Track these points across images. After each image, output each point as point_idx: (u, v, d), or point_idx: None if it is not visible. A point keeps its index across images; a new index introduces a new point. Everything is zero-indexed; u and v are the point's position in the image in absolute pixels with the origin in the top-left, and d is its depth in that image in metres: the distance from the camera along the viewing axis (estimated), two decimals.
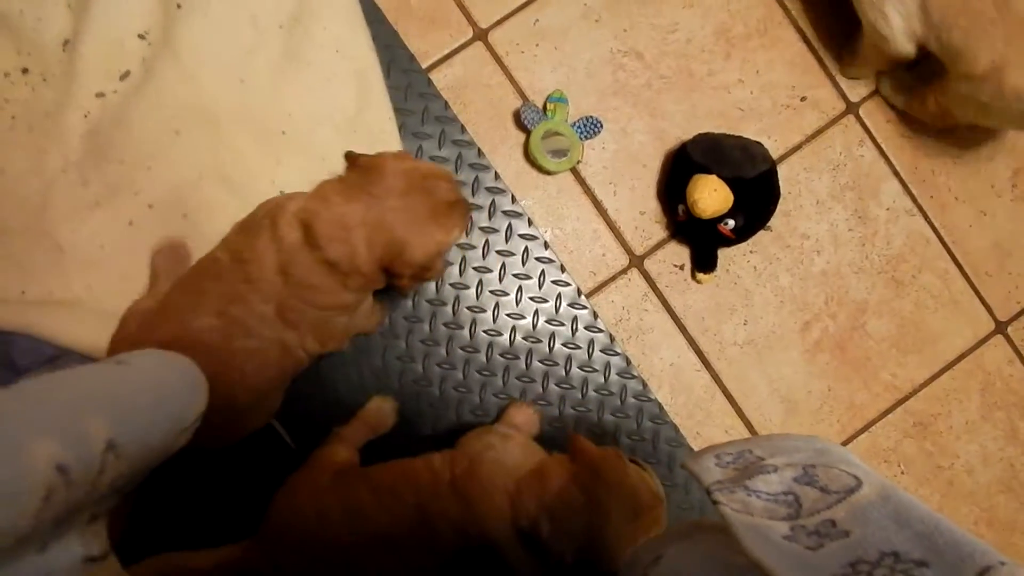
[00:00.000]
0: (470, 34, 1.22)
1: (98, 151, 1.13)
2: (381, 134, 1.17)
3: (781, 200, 1.18)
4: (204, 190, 1.13)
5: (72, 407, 0.61)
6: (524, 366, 1.18)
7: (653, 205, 1.24)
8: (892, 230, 1.28)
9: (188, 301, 0.95)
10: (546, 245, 1.20)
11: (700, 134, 1.18)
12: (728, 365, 1.24)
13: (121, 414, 0.65)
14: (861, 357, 1.28)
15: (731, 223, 1.13)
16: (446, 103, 1.20)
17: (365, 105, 1.17)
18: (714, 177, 1.11)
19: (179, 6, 1.14)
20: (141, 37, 1.16)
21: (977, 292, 1.30)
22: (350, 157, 0.93)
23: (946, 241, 1.30)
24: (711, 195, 1.10)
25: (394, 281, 0.92)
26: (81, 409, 0.61)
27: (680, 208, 1.16)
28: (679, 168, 1.17)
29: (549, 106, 1.18)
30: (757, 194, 1.14)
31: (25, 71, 1.14)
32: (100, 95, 1.15)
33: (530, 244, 1.19)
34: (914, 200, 1.29)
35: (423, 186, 0.91)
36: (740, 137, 1.19)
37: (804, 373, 1.26)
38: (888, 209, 1.28)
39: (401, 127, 1.18)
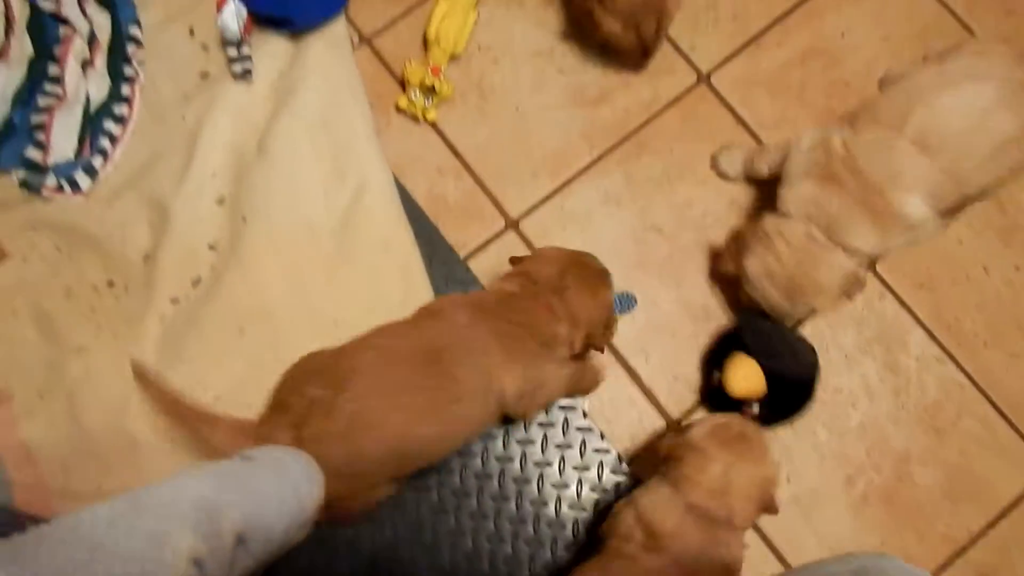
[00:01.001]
0: (503, 224, 1.40)
1: (172, 351, 1.31)
2: None
3: None
4: (266, 382, 1.28)
5: (207, 502, 0.69)
6: (571, 535, 1.27)
7: (685, 370, 1.36)
8: (925, 378, 1.37)
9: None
10: (584, 414, 1.32)
11: (758, 315, 1.29)
12: (775, 525, 1.31)
13: (251, 509, 0.73)
14: (911, 508, 1.33)
15: (755, 409, 1.24)
16: (483, 288, 1.36)
17: (410, 294, 1.34)
18: (753, 362, 1.24)
19: (244, 219, 1.35)
20: (211, 247, 1.36)
21: (1021, 434, 1.36)
22: (513, 260, 1.21)
23: (981, 386, 1.38)
24: (744, 379, 1.23)
25: (589, 341, 1.15)
26: (215, 504, 0.69)
27: (716, 375, 1.28)
28: (727, 339, 1.29)
29: None
30: (791, 396, 1.25)
31: (111, 284, 1.35)
32: (175, 300, 1.34)
33: (569, 414, 1.31)
34: (942, 348, 1.38)
35: (581, 261, 1.17)
36: (795, 334, 1.31)
37: (854, 528, 1.32)
38: (917, 359, 1.38)
39: None
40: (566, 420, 1.30)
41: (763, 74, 1.49)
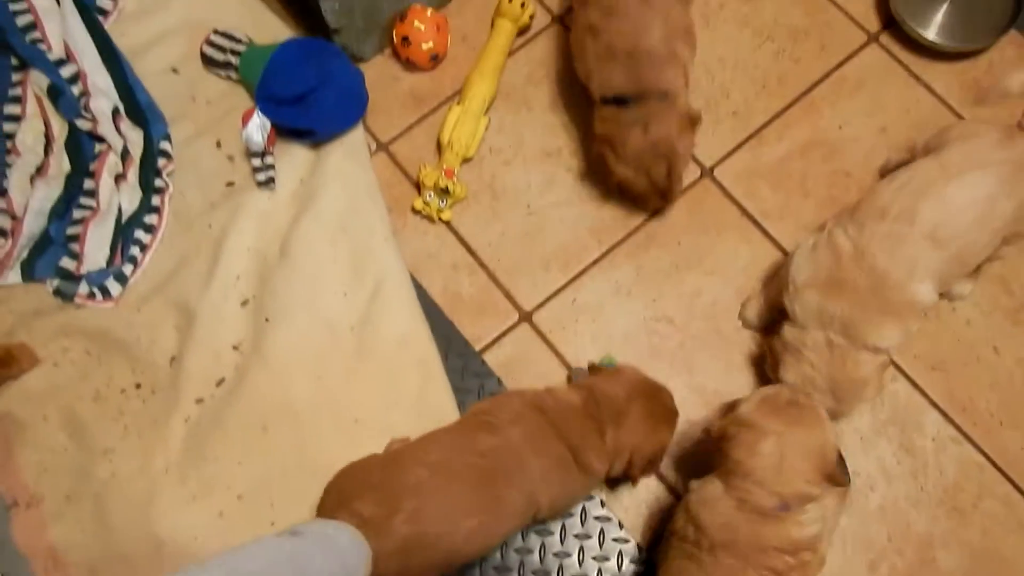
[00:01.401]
0: (516, 317, 1.47)
1: (196, 451, 1.36)
2: (442, 412, 1.38)
3: None
4: (289, 479, 1.34)
5: None
6: None
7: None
8: (942, 460, 1.40)
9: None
10: (602, 503, 1.35)
11: None
12: None
13: None
14: None
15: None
16: (499, 379, 1.42)
17: (428, 388, 1.40)
18: None
19: (267, 319, 1.43)
20: (235, 348, 1.43)
21: None
22: (592, 368, 1.30)
23: (1000, 466, 1.40)
24: None
25: (629, 470, 1.21)
26: None
27: None
28: None
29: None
30: None
31: (138, 386, 1.42)
32: (199, 401, 1.40)
33: (587, 503, 1.35)
34: (958, 429, 1.41)
35: (654, 395, 1.22)
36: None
37: None
38: (933, 440, 1.41)
39: (461, 404, 1.40)
40: (584, 510, 1.34)
41: (765, 167, 1.57)
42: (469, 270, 1.50)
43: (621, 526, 1.34)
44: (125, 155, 1.52)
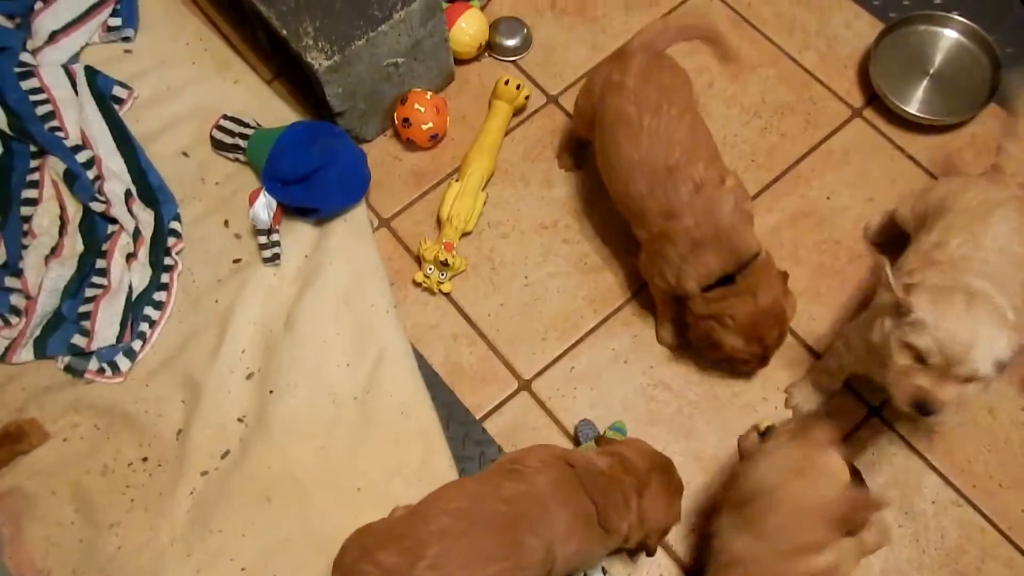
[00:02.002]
0: (516, 386, 1.53)
1: (201, 523, 1.41)
2: (443, 480, 1.41)
3: None
4: (292, 550, 1.38)
5: None
6: None
7: (701, 520, 1.43)
8: (943, 522, 1.43)
9: None
10: (604, 570, 1.38)
11: None
12: None
13: None
14: None
15: None
16: (499, 447, 1.47)
17: (429, 457, 1.45)
18: None
19: (271, 392, 1.49)
20: (240, 420, 1.49)
21: None
22: (599, 440, 1.34)
23: (1002, 528, 1.43)
24: None
25: (643, 541, 1.26)
26: None
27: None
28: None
29: (609, 433, 1.43)
30: None
31: (145, 460, 1.47)
32: (204, 473, 1.45)
33: (589, 571, 1.38)
34: (957, 491, 1.45)
35: (667, 467, 1.28)
36: None
37: None
38: (934, 503, 1.44)
39: (462, 472, 1.45)
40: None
41: (758, 235, 1.64)
42: (469, 340, 1.56)
43: None
44: (137, 235, 1.61)
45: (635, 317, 1.58)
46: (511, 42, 1.79)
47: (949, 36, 1.78)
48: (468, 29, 1.73)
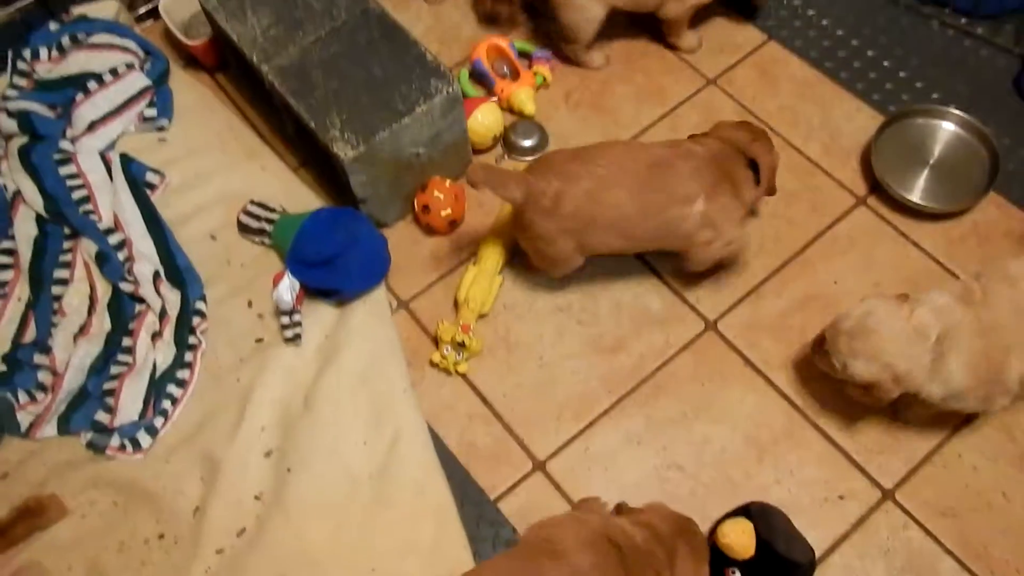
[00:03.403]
0: (530, 466, 1.54)
1: None
2: (457, 560, 1.42)
3: None
4: None
5: None
6: None
7: None
8: None
9: None
10: None
11: (772, 506, 1.43)
12: None
13: None
14: None
15: (737, 574, 1.32)
16: (514, 528, 1.47)
17: (443, 537, 1.45)
18: (750, 525, 1.35)
19: (289, 470, 1.51)
20: (257, 498, 1.50)
21: None
22: (619, 508, 1.36)
23: None
24: (738, 534, 1.33)
25: None
26: None
27: (713, 533, 1.38)
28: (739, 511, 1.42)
29: None
30: (776, 572, 1.34)
31: (161, 537, 1.48)
32: (220, 551, 1.46)
33: None
34: None
35: (692, 530, 1.30)
36: (798, 534, 1.41)
37: None
38: None
39: (475, 553, 1.45)
40: None
41: (766, 319, 1.68)
42: (484, 421, 1.59)
43: None
44: (163, 315, 1.66)
45: (648, 398, 1.60)
46: (527, 142, 1.87)
47: (947, 128, 1.84)
48: (484, 120, 1.81)
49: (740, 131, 1.56)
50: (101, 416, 1.56)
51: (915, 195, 1.77)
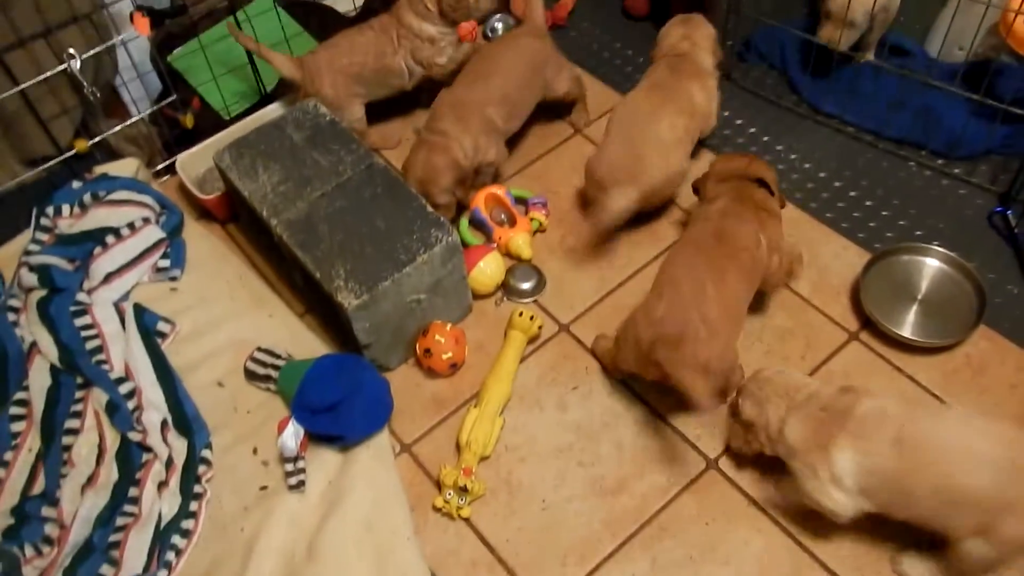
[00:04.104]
0: None
1: None
2: None
3: None
4: None
5: None
6: None
7: None
8: None
9: None
10: None
11: None
12: None
13: None
14: None
15: None
16: None
17: None
18: None
19: None
20: None
21: None
22: None
23: None
24: None
25: None
26: None
27: None
28: None
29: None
30: None
31: None
32: None
33: None
34: None
35: None
36: None
37: None
38: None
39: None
40: None
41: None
42: (488, 567, 1.59)
43: None
44: (169, 463, 1.69)
45: (652, 541, 1.60)
46: (526, 285, 1.95)
47: (932, 264, 1.91)
48: (487, 270, 1.90)
49: (733, 161, 1.79)
50: (105, 570, 1.57)
51: (905, 330, 1.82)
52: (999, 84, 1.99)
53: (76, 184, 2.05)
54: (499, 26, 2.49)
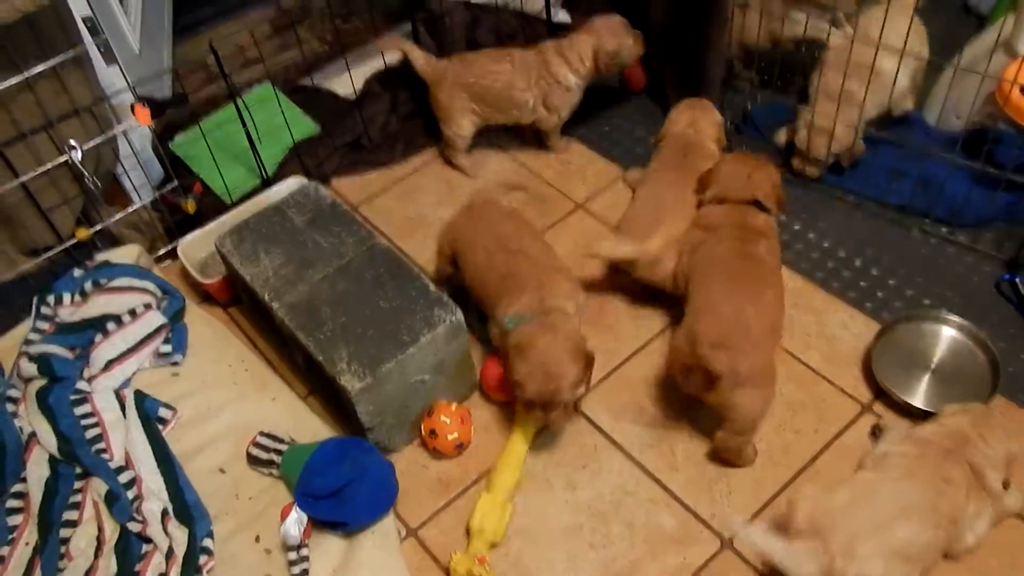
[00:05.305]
0: None
1: None
2: None
3: None
4: None
5: None
6: None
7: None
8: None
9: None
10: None
11: None
12: None
13: None
14: None
15: None
16: None
17: None
18: None
19: None
20: None
21: None
22: None
23: None
24: None
25: None
26: None
27: None
28: None
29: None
30: None
31: None
32: None
33: None
34: None
35: None
36: None
37: None
38: None
39: None
40: None
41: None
42: None
43: None
44: (170, 554, 1.68)
45: None
46: None
47: (944, 333, 1.94)
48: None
49: (738, 168, 1.89)
50: None
51: (919, 400, 1.83)
52: (998, 152, 2.05)
53: (77, 272, 2.10)
54: None
